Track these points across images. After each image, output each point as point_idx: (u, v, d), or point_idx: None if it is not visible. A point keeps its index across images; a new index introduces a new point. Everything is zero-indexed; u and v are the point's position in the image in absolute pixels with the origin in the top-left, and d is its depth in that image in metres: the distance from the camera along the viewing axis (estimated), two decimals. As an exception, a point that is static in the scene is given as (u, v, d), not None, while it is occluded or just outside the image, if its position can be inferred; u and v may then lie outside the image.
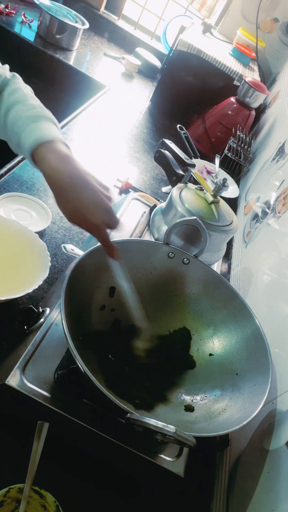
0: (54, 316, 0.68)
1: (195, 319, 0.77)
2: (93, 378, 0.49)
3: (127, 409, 0.49)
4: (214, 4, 2.17)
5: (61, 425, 0.57)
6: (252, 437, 0.66)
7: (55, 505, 0.54)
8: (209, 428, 0.60)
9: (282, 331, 0.73)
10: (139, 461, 0.58)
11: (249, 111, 1.65)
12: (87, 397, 0.59)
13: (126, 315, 0.69)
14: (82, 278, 0.65)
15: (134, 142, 1.56)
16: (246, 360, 0.68)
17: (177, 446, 0.61)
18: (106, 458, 0.63)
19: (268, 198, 1.16)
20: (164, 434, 0.46)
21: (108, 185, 0.63)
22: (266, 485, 0.57)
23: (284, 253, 0.88)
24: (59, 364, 0.61)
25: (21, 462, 0.56)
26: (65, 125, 1.39)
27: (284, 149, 1.26)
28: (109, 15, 2.30)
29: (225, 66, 1.69)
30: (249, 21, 2.07)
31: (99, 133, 1.48)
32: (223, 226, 0.87)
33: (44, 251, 0.79)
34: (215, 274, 0.77)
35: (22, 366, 0.59)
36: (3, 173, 1.04)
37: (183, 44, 1.65)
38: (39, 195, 1.05)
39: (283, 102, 1.60)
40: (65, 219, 1.03)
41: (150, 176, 1.41)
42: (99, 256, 0.68)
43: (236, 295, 0.74)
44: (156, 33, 2.35)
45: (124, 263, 0.66)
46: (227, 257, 1.22)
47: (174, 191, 0.89)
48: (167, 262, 0.78)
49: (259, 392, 0.60)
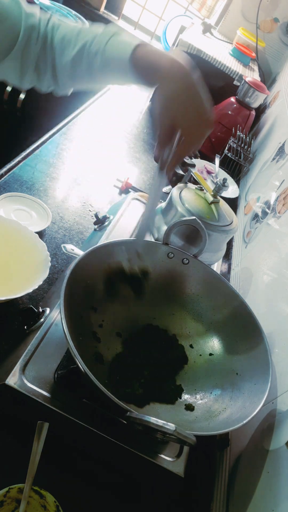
0: (54, 316, 0.68)
1: (195, 319, 0.77)
2: (93, 378, 0.49)
3: (127, 408, 0.49)
4: (214, 4, 2.17)
5: (61, 425, 0.57)
6: (252, 437, 0.66)
7: (55, 505, 0.54)
8: (209, 427, 0.60)
9: (282, 331, 0.73)
10: (139, 461, 0.58)
11: (249, 111, 1.65)
12: (87, 397, 0.59)
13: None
14: (82, 278, 0.65)
15: (134, 142, 1.56)
16: (246, 360, 0.68)
17: (177, 446, 0.61)
18: (106, 458, 0.63)
19: (268, 198, 1.16)
20: (164, 432, 0.46)
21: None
22: (266, 485, 0.57)
23: (284, 253, 0.88)
24: (59, 364, 0.61)
25: (21, 462, 0.56)
26: (65, 125, 1.39)
27: (284, 149, 1.26)
28: (109, 15, 2.30)
29: (225, 66, 1.69)
30: (249, 21, 2.07)
31: (99, 133, 1.48)
32: (223, 226, 0.87)
33: (44, 251, 0.79)
34: (215, 274, 0.77)
35: (22, 366, 0.59)
36: (3, 173, 1.04)
37: (183, 44, 1.65)
38: (39, 195, 1.05)
39: (283, 102, 1.60)
40: (65, 219, 1.03)
41: (150, 176, 1.41)
42: (99, 256, 0.68)
43: (236, 295, 0.74)
44: (156, 33, 2.35)
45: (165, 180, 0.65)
46: (227, 257, 1.22)
47: (174, 191, 0.89)
48: (166, 262, 0.78)
49: (259, 391, 0.60)
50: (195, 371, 0.72)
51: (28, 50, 0.66)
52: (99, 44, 0.64)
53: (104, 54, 0.64)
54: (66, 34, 0.67)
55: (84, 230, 1.04)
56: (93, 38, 0.64)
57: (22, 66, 0.68)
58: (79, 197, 1.14)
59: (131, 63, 0.61)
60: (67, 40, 0.66)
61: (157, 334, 0.75)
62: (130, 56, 0.61)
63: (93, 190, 1.20)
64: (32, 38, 0.66)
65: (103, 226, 0.93)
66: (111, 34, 0.64)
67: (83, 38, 0.65)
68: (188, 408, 0.65)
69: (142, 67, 0.61)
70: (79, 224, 1.05)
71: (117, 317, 0.73)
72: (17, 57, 0.66)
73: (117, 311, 0.73)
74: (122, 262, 0.67)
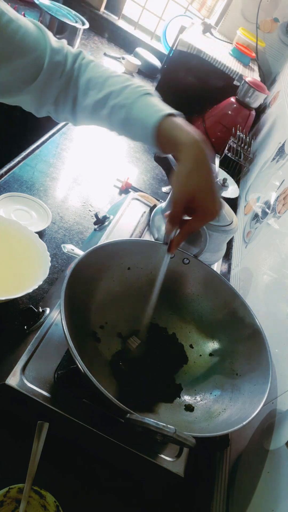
0: (54, 316, 0.68)
1: (195, 319, 0.77)
2: (93, 378, 0.49)
3: (127, 409, 0.49)
4: (214, 4, 2.17)
5: (61, 425, 0.57)
6: (252, 437, 0.66)
7: (55, 505, 0.54)
8: (209, 428, 0.60)
9: (282, 331, 0.73)
10: (139, 461, 0.58)
11: (249, 111, 1.65)
12: (87, 397, 0.59)
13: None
14: (82, 278, 0.65)
15: (134, 142, 1.56)
16: (246, 360, 0.68)
17: (177, 446, 0.61)
18: (106, 458, 0.63)
19: (268, 198, 1.16)
20: (164, 435, 0.46)
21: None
22: (266, 485, 0.57)
23: (284, 253, 0.88)
24: (59, 364, 0.61)
25: (21, 462, 0.56)
26: (65, 125, 1.39)
27: (284, 149, 1.26)
28: (109, 15, 2.30)
29: (225, 66, 1.69)
30: (249, 21, 2.06)
31: (99, 133, 1.48)
32: (223, 226, 0.87)
33: (44, 251, 0.79)
34: (215, 274, 0.77)
35: (22, 366, 0.59)
36: (3, 173, 1.04)
37: (183, 44, 1.64)
38: (39, 195, 1.05)
39: (283, 102, 1.60)
40: (65, 219, 1.03)
41: (150, 176, 1.42)
42: (99, 256, 0.68)
43: (236, 295, 0.74)
44: (156, 33, 2.35)
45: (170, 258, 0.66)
46: (227, 257, 1.22)
47: (174, 191, 0.89)
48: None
49: (259, 392, 0.60)
50: (195, 372, 0.72)
51: (50, 84, 0.66)
52: (128, 99, 0.63)
53: (130, 112, 0.63)
54: (93, 77, 0.66)
55: (84, 230, 1.04)
56: (121, 90, 0.64)
57: (41, 98, 0.67)
58: (79, 197, 1.14)
59: (154, 132, 0.61)
60: (94, 83, 0.65)
61: (156, 332, 0.75)
62: (156, 125, 0.60)
63: (93, 190, 1.20)
64: (56, 73, 0.65)
65: (103, 226, 0.93)
66: (142, 92, 0.63)
67: (110, 86, 0.64)
68: (188, 408, 0.65)
69: (163, 139, 0.61)
70: (79, 224, 1.05)
71: (117, 317, 0.73)
72: (38, 89, 0.65)
73: (117, 311, 0.73)
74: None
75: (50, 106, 0.69)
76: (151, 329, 0.74)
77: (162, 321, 0.76)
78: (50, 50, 0.64)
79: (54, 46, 0.65)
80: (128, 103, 0.63)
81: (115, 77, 0.66)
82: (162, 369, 0.70)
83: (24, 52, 0.61)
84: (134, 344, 0.69)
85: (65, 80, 0.67)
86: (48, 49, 0.64)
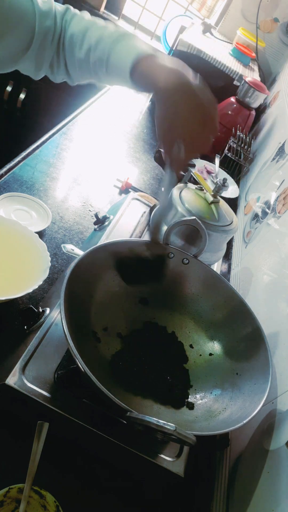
0: (54, 316, 0.68)
1: (195, 319, 0.77)
2: (93, 378, 0.50)
3: (127, 408, 0.49)
4: (214, 4, 2.17)
5: (61, 425, 0.57)
6: (252, 437, 0.66)
7: (55, 505, 0.54)
8: (209, 427, 0.60)
9: (282, 331, 0.73)
10: (139, 461, 0.58)
11: (249, 111, 1.65)
12: (87, 397, 0.59)
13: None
14: (82, 278, 0.65)
15: (134, 142, 1.56)
16: (246, 360, 0.68)
17: (177, 446, 0.61)
18: (106, 458, 0.63)
19: (268, 198, 1.16)
20: (165, 433, 0.47)
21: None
22: (266, 485, 0.57)
23: (284, 253, 0.88)
24: (59, 364, 0.61)
25: (21, 462, 0.56)
26: (65, 125, 1.39)
27: (284, 149, 1.26)
28: (109, 15, 2.30)
29: (225, 66, 1.69)
30: (249, 21, 2.07)
31: (99, 133, 1.48)
32: (223, 226, 0.87)
33: (44, 251, 0.79)
34: (215, 274, 0.77)
35: (22, 366, 0.59)
36: (3, 173, 1.04)
37: (183, 44, 1.65)
38: (39, 195, 1.05)
39: (283, 102, 1.60)
40: (65, 219, 1.03)
41: (150, 176, 1.42)
42: (99, 256, 0.68)
43: (236, 295, 0.74)
44: (156, 33, 2.35)
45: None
46: (227, 257, 1.22)
47: (174, 191, 0.89)
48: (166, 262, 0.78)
49: (259, 391, 0.60)
50: (195, 371, 0.72)
51: (43, 49, 0.68)
52: (104, 53, 0.64)
53: (108, 62, 0.65)
54: (74, 33, 0.67)
55: (84, 230, 1.04)
56: (97, 43, 0.65)
57: (37, 62, 0.69)
58: (79, 197, 1.14)
59: (131, 76, 0.62)
60: (75, 39, 0.67)
61: (156, 331, 0.75)
62: (130, 69, 0.62)
63: (93, 190, 1.20)
64: (47, 37, 0.67)
65: (103, 226, 0.93)
66: (115, 40, 0.64)
67: (88, 41, 0.66)
68: (188, 407, 0.65)
69: (140, 80, 0.62)
70: (79, 224, 1.05)
71: (117, 317, 0.73)
72: (33, 56, 0.68)
73: (117, 311, 0.73)
74: (134, 248, 0.68)
75: (47, 69, 0.72)
76: (150, 328, 0.74)
77: (162, 320, 0.76)
78: (38, 15, 0.64)
79: (42, 9, 0.65)
80: (105, 57, 0.64)
81: (92, 29, 0.66)
82: (162, 369, 0.70)
83: (14, 22, 0.62)
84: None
85: (57, 43, 0.69)
86: (36, 13, 0.64)
